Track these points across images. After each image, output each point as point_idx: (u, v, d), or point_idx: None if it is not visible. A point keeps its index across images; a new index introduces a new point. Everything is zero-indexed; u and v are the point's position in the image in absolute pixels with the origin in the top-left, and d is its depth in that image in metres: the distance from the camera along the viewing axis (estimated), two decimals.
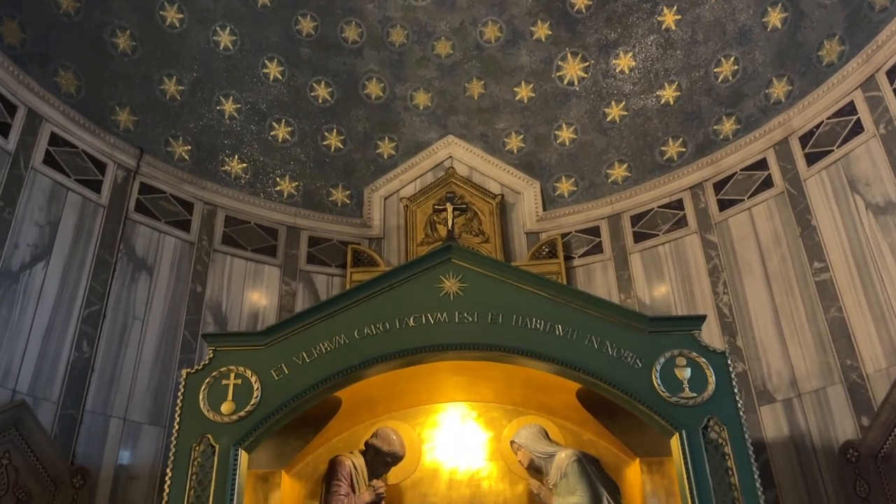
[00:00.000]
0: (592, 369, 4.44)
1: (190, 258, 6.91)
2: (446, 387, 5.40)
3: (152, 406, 6.11)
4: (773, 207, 6.55)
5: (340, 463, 4.93)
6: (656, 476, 5.00)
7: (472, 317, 4.66)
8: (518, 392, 5.36)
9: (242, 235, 7.34)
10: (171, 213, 6.93)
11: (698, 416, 4.25)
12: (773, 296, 6.32)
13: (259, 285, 7.22)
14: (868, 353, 5.56)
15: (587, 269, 7.53)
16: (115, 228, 6.40)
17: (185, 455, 4.22)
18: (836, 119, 6.21)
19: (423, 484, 5.30)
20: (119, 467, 5.75)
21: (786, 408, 5.95)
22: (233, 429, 4.30)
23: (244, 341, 4.62)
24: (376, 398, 5.28)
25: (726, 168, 7.02)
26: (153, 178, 6.89)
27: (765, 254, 6.50)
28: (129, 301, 6.32)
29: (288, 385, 4.45)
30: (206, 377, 4.46)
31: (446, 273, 4.82)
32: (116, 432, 5.83)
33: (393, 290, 4.78)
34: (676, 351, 4.44)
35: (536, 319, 4.60)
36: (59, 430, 5.45)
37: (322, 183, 7.95)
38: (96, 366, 5.87)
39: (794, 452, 5.80)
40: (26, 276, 5.58)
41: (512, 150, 8.12)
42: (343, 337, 4.60)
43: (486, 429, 5.50)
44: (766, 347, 6.22)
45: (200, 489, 4.13)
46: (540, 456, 5.02)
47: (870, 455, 5.25)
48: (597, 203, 7.74)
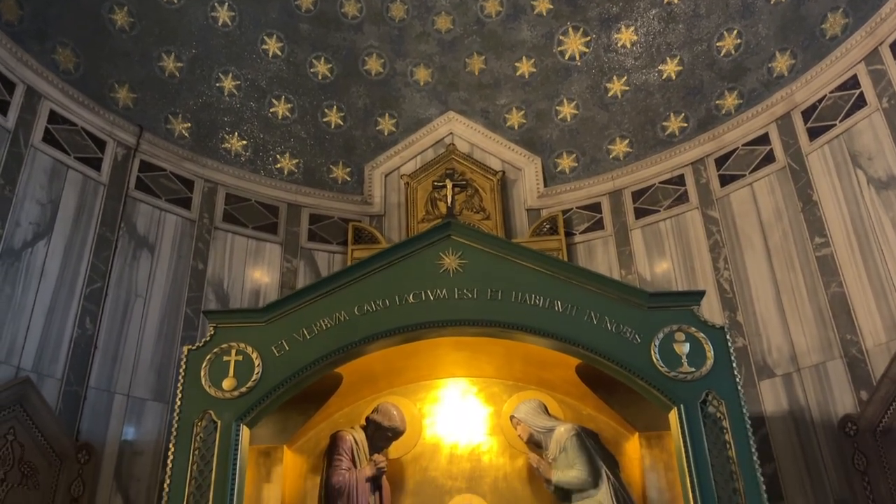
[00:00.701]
0: (591, 345, 4.46)
1: (191, 236, 6.92)
2: (447, 362, 5.43)
3: (156, 382, 6.16)
4: (775, 182, 6.53)
5: (342, 438, 4.97)
6: (655, 450, 5.04)
7: (471, 293, 4.68)
8: (518, 367, 5.39)
9: (243, 213, 7.34)
10: (171, 190, 6.93)
11: (696, 390, 4.28)
12: (774, 271, 6.32)
13: (260, 263, 7.24)
14: (868, 328, 5.57)
15: (588, 246, 7.53)
16: (116, 206, 6.40)
17: (187, 431, 4.27)
18: (839, 93, 6.17)
19: (424, 458, 5.35)
20: (124, 443, 5.81)
21: (785, 382, 5.97)
22: (234, 405, 4.34)
23: (245, 318, 4.65)
24: (377, 374, 5.31)
25: (728, 143, 6.98)
26: (153, 155, 6.88)
27: (766, 229, 6.49)
28: (131, 278, 6.35)
29: (289, 361, 4.48)
30: (208, 354, 4.49)
31: (446, 250, 4.83)
32: (120, 408, 5.89)
33: (392, 267, 4.80)
34: (675, 326, 4.46)
35: (536, 295, 4.62)
36: (64, 407, 5.50)
37: (322, 160, 7.94)
38: (99, 343, 5.91)
39: (794, 426, 5.83)
40: (28, 254, 5.60)
41: (513, 126, 8.08)
42: (343, 314, 4.63)
43: (487, 404, 5.54)
44: (767, 322, 6.23)
45: (203, 464, 4.18)
46: (539, 430, 5.06)
47: (868, 429, 5.28)
48: (598, 179, 7.71)
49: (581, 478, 4.76)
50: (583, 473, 4.76)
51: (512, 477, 5.27)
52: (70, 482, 5.27)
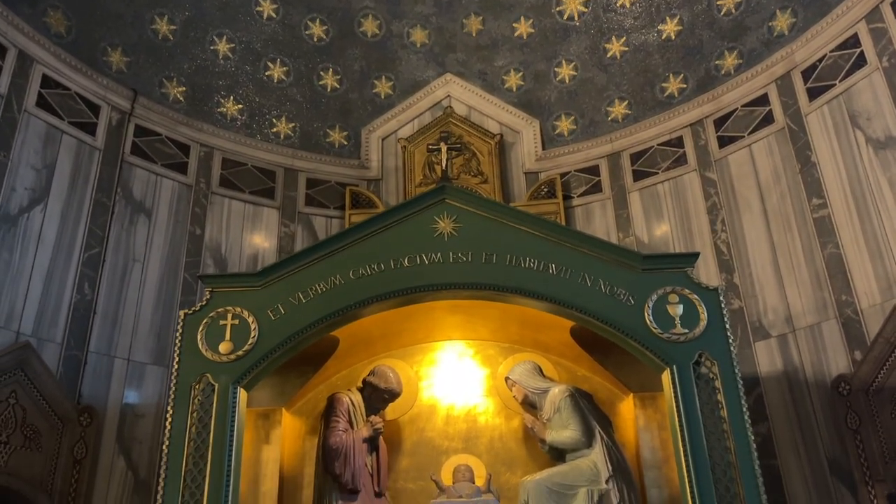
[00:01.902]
0: (585, 307, 4.48)
1: (188, 201, 6.92)
2: (443, 325, 5.47)
3: (155, 346, 6.22)
4: (774, 144, 6.49)
5: (338, 400, 5.03)
6: (649, 410, 5.09)
7: (466, 256, 4.69)
8: (514, 330, 5.42)
9: (240, 178, 7.33)
10: (167, 155, 6.90)
11: (689, 351, 4.31)
12: (771, 233, 6.31)
13: (258, 227, 7.24)
14: (863, 289, 5.58)
15: (586, 209, 7.52)
16: (112, 171, 6.39)
17: (185, 394, 4.32)
18: (840, 52, 6.09)
19: (421, 419, 5.42)
20: (125, 406, 5.88)
21: (780, 343, 6.00)
22: (231, 368, 4.38)
23: (241, 282, 4.67)
24: (374, 337, 5.35)
25: (727, 104, 6.92)
26: (148, 120, 6.85)
27: (764, 191, 6.47)
28: (129, 244, 6.36)
29: (284, 325, 4.51)
30: (204, 318, 4.52)
31: (440, 213, 4.83)
32: (121, 372, 5.95)
33: (387, 231, 4.80)
34: (669, 288, 4.48)
35: (530, 258, 4.63)
36: (65, 371, 5.56)
37: (319, 124, 7.88)
38: (98, 308, 5.95)
39: (787, 387, 5.88)
40: (25, 220, 5.61)
41: (511, 89, 8.00)
42: (338, 277, 4.64)
43: (483, 366, 5.59)
44: (763, 284, 6.25)
45: (201, 426, 4.24)
46: (534, 392, 5.12)
47: (861, 388, 5.32)
48: (596, 141, 7.66)
49: (575, 438, 4.83)
50: (576, 433, 4.82)
51: (507, 437, 5.34)
52: (73, 444, 5.35)
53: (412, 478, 5.23)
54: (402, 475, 5.25)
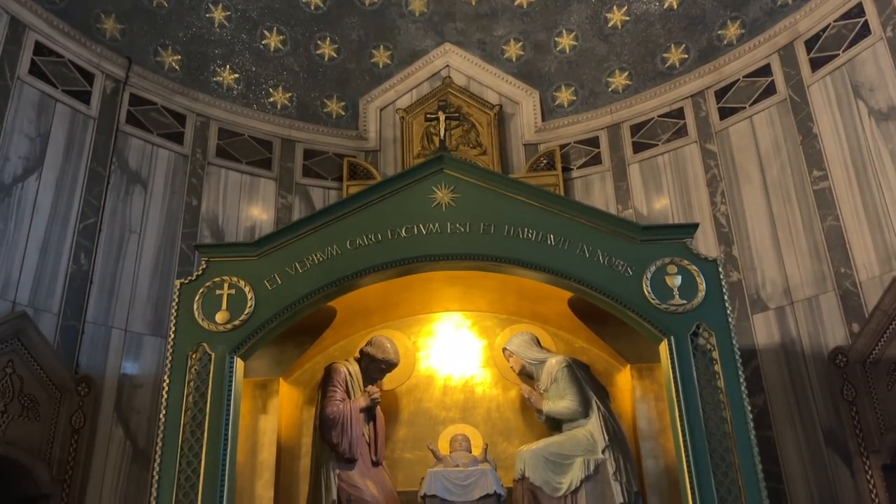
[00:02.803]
0: (584, 278, 4.47)
1: (184, 171, 6.86)
2: (441, 297, 5.46)
3: (153, 317, 6.20)
4: (775, 115, 6.42)
5: (336, 370, 5.03)
6: (646, 381, 5.10)
7: (464, 227, 4.66)
8: (511, 301, 5.41)
9: (237, 148, 7.26)
10: (163, 125, 6.83)
11: (687, 322, 4.30)
12: (771, 205, 6.28)
13: (255, 198, 7.19)
14: (862, 261, 5.56)
15: (585, 181, 7.47)
16: (107, 141, 6.33)
17: (181, 363, 4.31)
18: (843, 22, 6.00)
19: (418, 390, 5.43)
20: (123, 376, 5.88)
21: (778, 315, 6.00)
22: (228, 337, 4.37)
23: (237, 252, 4.65)
24: (371, 308, 5.34)
25: (729, 75, 6.84)
26: (143, 89, 6.77)
27: (764, 163, 6.42)
28: (125, 214, 6.32)
29: (281, 295, 4.49)
30: (200, 287, 4.50)
31: (438, 184, 4.79)
32: (118, 343, 5.94)
33: (385, 201, 4.77)
34: (667, 259, 4.46)
35: (528, 229, 4.60)
36: (62, 341, 5.55)
37: (316, 94, 7.80)
38: (95, 278, 5.92)
39: (784, 359, 5.89)
40: (19, 189, 5.57)
41: (511, 59, 7.91)
42: (335, 247, 4.62)
43: (480, 337, 5.59)
44: (762, 257, 6.23)
45: (198, 395, 4.24)
46: (531, 362, 5.12)
47: (858, 360, 5.33)
48: (596, 113, 7.59)
49: (572, 408, 4.84)
50: (573, 404, 4.84)
51: (504, 407, 5.36)
52: (71, 414, 5.36)
53: (409, 447, 5.26)
54: (399, 445, 5.28)
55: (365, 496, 4.64)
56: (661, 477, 4.84)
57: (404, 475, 5.13)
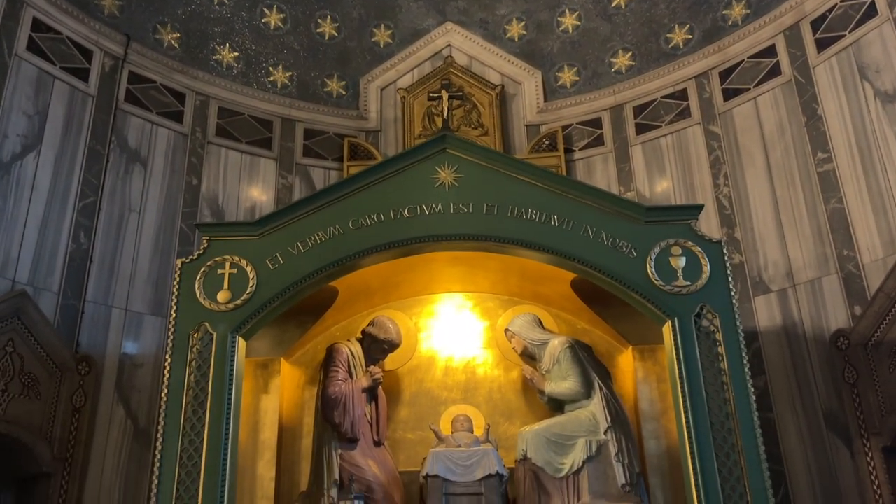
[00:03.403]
0: (587, 259, 4.45)
1: (184, 150, 6.81)
2: (443, 277, 5.44)
3: (153, 297, 6.18)
4: (780, 96, 6.38)
5: (338, 350, 5.02)
6: (648, 363, 5.10)
7: (467, 207, 4.63)
8: (514, 282, 5.40)
9: (237, 127, 7.20)
10: (162, 103, 6.77)
11: (691, 304, 4.29)
12: (774, 187, 6.25)
13: (255, 178, 7.15)
14: (865, 244, 5.54)
15: (587, 163, 7.42)
16: (106, 119, 6.27)
17: (183, 342, 4.30)
18: (850, 2, 5.94)
19: (420, 370, 5.43)
20: (123, 355, 5.87)
21: (780, 298, 5.99)
22: (229, 317, 4.36)
23: (238, 231, 4.62)
24: (373, 288, 5.32)
25: (733, 56, 6.78)
26: (142, 66, 6.69)
27: (768, 144, 6.38)
28: (125, 193, 6.28)
29: (283, 274, 4.47)
30: (202, 266, 4.48)
31: (441, 163, 4.76)
32: (118, 322, 5.92)
33: (387, 181, 4.74)
34: (672, 240, 4.44)
35: (532, 210, 4.58)
36: (62, 320, 5.53)
37: (316, 73, 7.73)
38: (95, 257, 5.89)
39: (786, 341, 5.88)
40: (18, 167, 5.52)
41: (513, 38, 7.83)
42: (337, 227, 4.59)
43: (482, 318, 5.57)
44: (765, 239, 6.21)
45: (200, 374, 4.23)
46: (533, 343, 5.11)
47: (860, 343, 5.33)
48: (599, 94, 7.53)
49: (574, 389, 4.84)
50: (576, 385, 4.84)
51: (506, 388, 5.36)
52: (72, 393, 5.35)
53: (411, 428, 5.26)
54: (400, 425, 5.28)
55: (367, 476, 4.64)
56: (663, 458, 4.85)
57: (406, 455, 5.14)
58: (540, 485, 4.64)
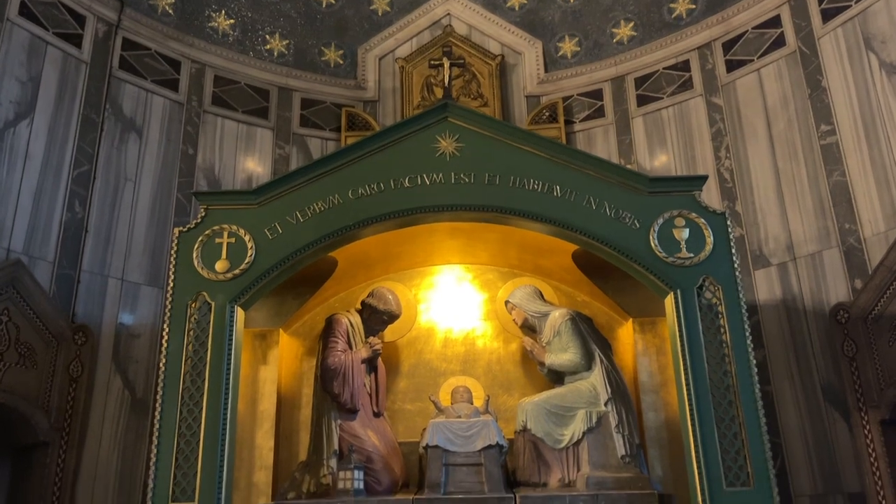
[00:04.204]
0: (590, 230, 4.40)
1: (180, 119, 6.71)
2: (442, 249, 5.39)
3: (149, 267, 6.13)
4: (784, 68, 6.30)
5: (337, 321, 4.99)
6: (648, 335, 5.08)
7: (468, 177, 4.57)
8: (514, 254, 5.36)
9: (233, 96, 7.10)
10: (157, 71, 6.65)
11: (694, 276, 4.26)
12: (776, 160, 6.20)
13: (252, 148, 7.06)
14: (868, 217, 5.51)
15: (588, 134, 7.35)
16: (100, 86, 6.16)
17: (181, 312, 4.25)
18: None
19: (419, 342, 5.40)
20: (120, 326, 5.83)
21: (780, 271, 5.97)
22: (228, 286, 4.31)
23: (236, 200, 4.55)
24: (372, 259, 5.28)
25: (737, 26, 6.68)
26: (136, 33, 6.56)
27: (771, 117, 6.32)
28: (120, 162, 6.19)
29: (282, 244, 4.42)
30: (199, 236, 4.42)
31: (442, 132, 4.68)
32: (115, 292, 5.87)
33: (387, 150, 4.67)
34: (675, 212, 4.39)
35: (534, 180, 4.52)
36: (58, 290, 5.48)
37: (314, 41, 7.60)
38: (90, 226, 5.83)
39: (785, 314, 5.87)
40: (11, 135, 5.42)
41: (514, 7, 7.71)
42: (337, 197, 4.53)
43: (482, 290, 5.54)
44: (766, 212, 6.17)
45: (198, 344, 4.18)
46: (534, 315, 5.08)
47: (860, 316, 5.32)
48: (600, 64, 7.43)
49: (574, 361, 4.82)
50: (576, 356, 4.82)
51: (505, 360, 5.34)
52: (68, 363, 5.32)
53: (410, 399, 5.25)
54: (399, 396, 5.27)
55: (366, 446, 4.63)
56: (662, 430, 4.85)
57: (405, 426, 5.13)
58: (539, 455, 4.64)
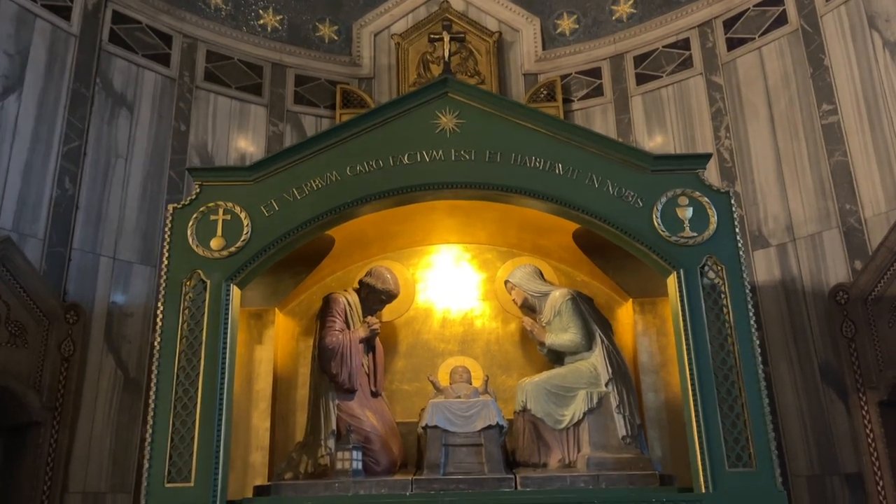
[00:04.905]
0: (592, 209, 4.33)
1: (172, 95, 6.58)
2: (441, 228, 5.32)
3: (142, 246, 6.02)
4: (785, 46, 6.22)
5: (335, 300, 4.91)
6: (648, 316, 5.04)
7: (468, 154, 4.49)
8: (513, 234, 5.29)
9: (226, 72, 6.96)
10: (148, 45, 6.51)
11: (697, 255, 4.20)
12: (777, 140, 6.14)
13: (245, 126, 6.94)
14: (868, 197, 5.47)
15: (586, 113, 7.27)
16: (90, 60, 6.02)
17: (175, 290, 4.17)
18: None
19: (417, 322, 5.34)
20: (112, 305, 5.73)
21: (779, 252, 5.94)
22: (223, 264, 4.22)
23: (231, 176, 4.46)
24: (370, 238, 5.20)
25: (739, 4, 6.59)
26: (126, 6, 6.41)
27: (772, 96, 6.25)
28: (111, 138, 6.07)
29: (278, 221, 4.33)
30: (194, 212, 4.32)
31: (442, 108, 4.59)
32: (107, 271, 5.77)
33: (386, 126, 4.57)
34: (679, 190, 4.33)
35: (536, 157, 4.44)
36: (48, 268, 5.38)
37: (308, 16, 7.46)
38: (81, 204, 5.71)
39: (784, 296, 5.85)
40: None
41: None
42: (335, 174, 4.44)
43: (480, 270, 5.47)
44: (766, 193, 6.13)
45: (193, 323, 4.11)
46: (534, 295, 5.02)
47: (860, 297, 5.30)
48: (599, 42, 7.33)
49: (575, 341, 4.77)
50: (577, 337, 4.77)
51: (504, 340, 5.29)
52: (60, 342, 5.23)
53: (408, 379, 5.19)
54: (397, 377, 5.21)
55: (364, 426, 4.58)
56: (661, 411, 4.82)
57: (403, 406, 5.07)
58: (539, 436, 4.61)
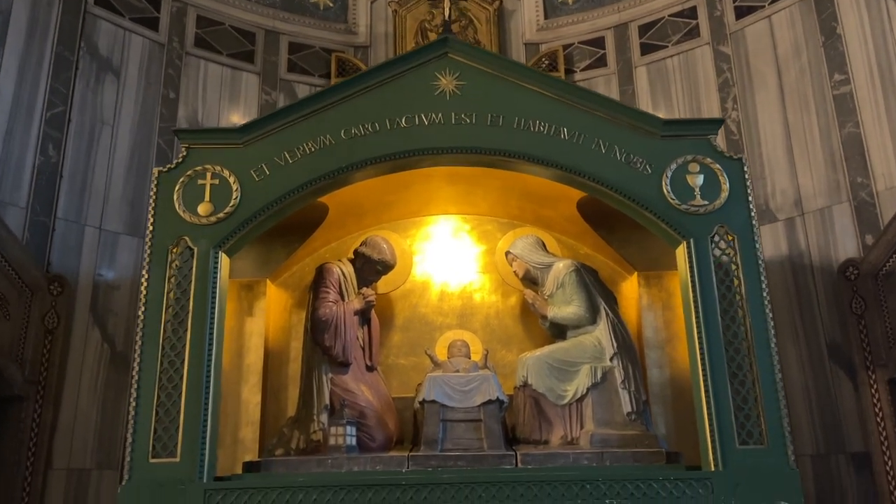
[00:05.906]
0: (599, 175, 4.14)
1: (160, 61, 6.34)
2: (439, 198, 5.13)
3: (129, 216, 5.82)
4: (796, 14, 6.01)
5: (328, 270, 4.72)
6: (653, 289, 4.87)
7: (469, 118, 4.29)
8: (515, 204, 5.10)
9: (217, 38, 6.72)
10: (135, 8, 6.26)
11: (708, 224, 4.03)
12: (786, 112, 5.95)
13: (237, 94, 6.71)
14: (881, 170, 5.30)
15: (589, 84, 7.04)
16: (74, 22, 5.77)
17: (161, 257, 3.97)
18: None
19: (414, 295, 5.16)
20: (98, 276, 5.53)
21: (787, 227, 5.77)
22: (211, 231, 4.03)
23: (220, 138, 4.24)
24: (365, 207, 5.00)
25: None
26: None
27: (781, 66, 6.05)
28: (96, 104, 5.83)
29: (269, 187, 4.13)
30: (181, 176, 4.12)
31: (442, 69, 4.38)
32: (92, 241, 5.57)
33: (382, 88, 4.36)
34: (690, 157, 4.14)
35: (540, 122, 4.24)
36: (31, 237, 5.17)
37: None
38: (65, 172, 5.49)
39: (791, 271, 5.69)
40: None
41: None
42: (328, 137, 4.23)
43: (479, 242, 5.29)
44: (774, 166, 5.94)
45: (180, 292, 3.92)
46: (536, 266, 4.83)
47: (870, 273, 5.14)
48: (603, 11, 7.11)
49: (579, 314, 4.59)
50: (580, 309, 4.59)
51: (504, 314, 5.11)
52: (43, 314, 5.04)
53: (404, 353, 5.02)
54: (393, 350, 5.03)
55: (359, 401, 4.41)
56: (666, 387, 4.67)
57: (399, 381, 4.91)
58: (541, 412, 4.44)
